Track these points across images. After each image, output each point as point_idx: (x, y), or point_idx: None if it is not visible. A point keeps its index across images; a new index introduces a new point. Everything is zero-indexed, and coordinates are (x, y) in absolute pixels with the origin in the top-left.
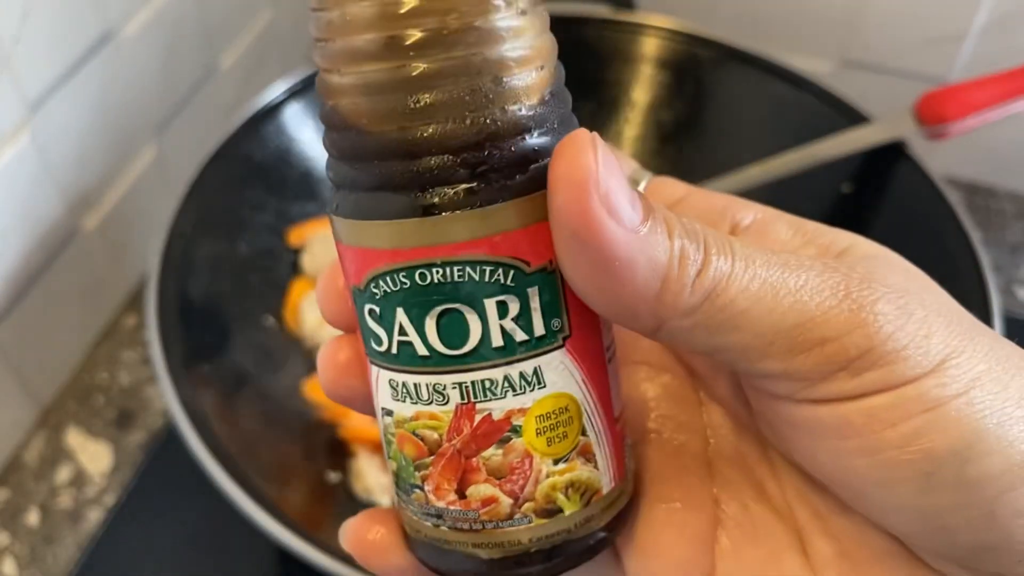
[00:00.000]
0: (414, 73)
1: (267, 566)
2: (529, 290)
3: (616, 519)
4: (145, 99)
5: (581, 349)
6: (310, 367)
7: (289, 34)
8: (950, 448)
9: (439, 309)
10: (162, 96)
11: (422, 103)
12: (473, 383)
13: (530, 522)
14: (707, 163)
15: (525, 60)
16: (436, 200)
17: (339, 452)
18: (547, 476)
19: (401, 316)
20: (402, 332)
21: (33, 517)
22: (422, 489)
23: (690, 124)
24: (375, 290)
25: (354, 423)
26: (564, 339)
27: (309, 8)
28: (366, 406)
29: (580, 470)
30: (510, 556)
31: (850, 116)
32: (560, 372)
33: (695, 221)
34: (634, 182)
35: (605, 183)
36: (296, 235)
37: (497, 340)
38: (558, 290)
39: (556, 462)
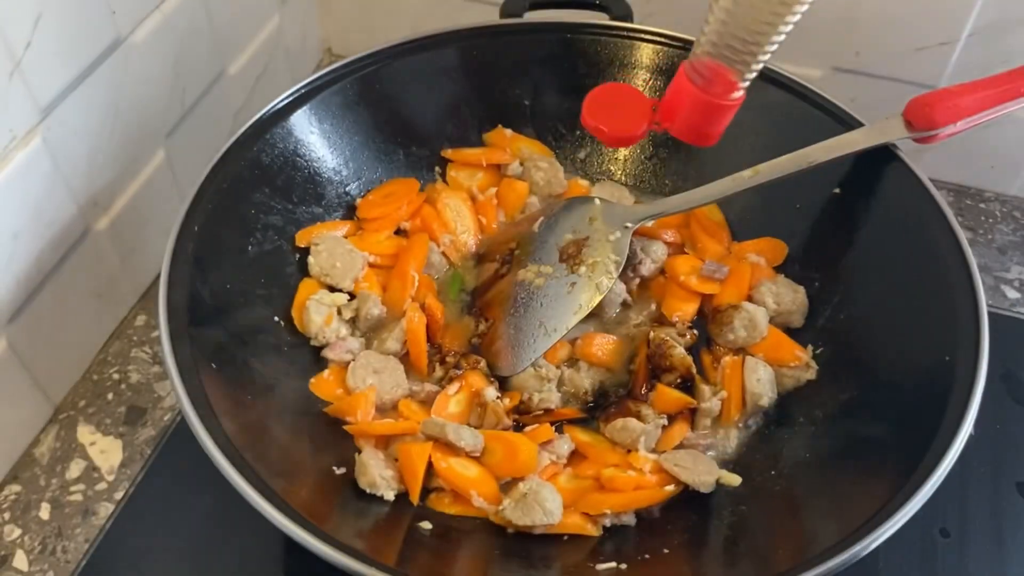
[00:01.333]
0: None
1: (274, 558)
2: None
3: None
4: (154, 103)
5: None
6: (316, 364)
7: (297, 40)
8: None
9: None
10: (171, 100)
11: None
12: None
13: None
14: (701, 167)
15: None
16: None
17: (344, 447)
18: None
19: None
20: None
21: (44, 511)
22: None
23: None
24: None
25: (359, 419)
26: None
27: None
28: None
29: None
30: None
31: (841, 121)
32: None
33: None
34: None
35: None
36: (303, 236)
37: None
38: None
39: None
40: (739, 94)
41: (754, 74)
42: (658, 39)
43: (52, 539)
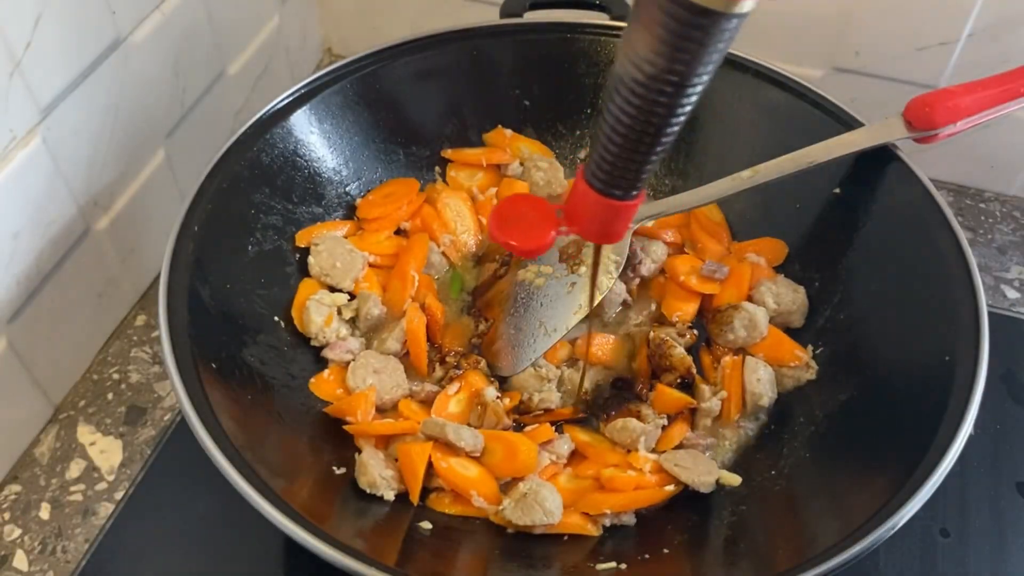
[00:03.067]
0: None
1: (274, 558)
2: None
3: None
4: (154, 103)
5: None
6: (316, 364)
7: (297, 40)
8: None
9: None
10: (171, 100)
11: None
12: None
13: None
14: (701, 167)
15: None
16: None
17: (344, 447)
18: None
19: None
20: None
21: (44, 511)
22: None
23: (684, 129)
24: None
25: (359, 419)
26: None
27: None
28: None
29: None
30: None
31: (841, 121)
32: None
33: None
34: None
35: None
36: (303, 236)
37: None
38: None
39: None
40: (638, 193)
41: (649, 175)
42: None
43: (52, 539)
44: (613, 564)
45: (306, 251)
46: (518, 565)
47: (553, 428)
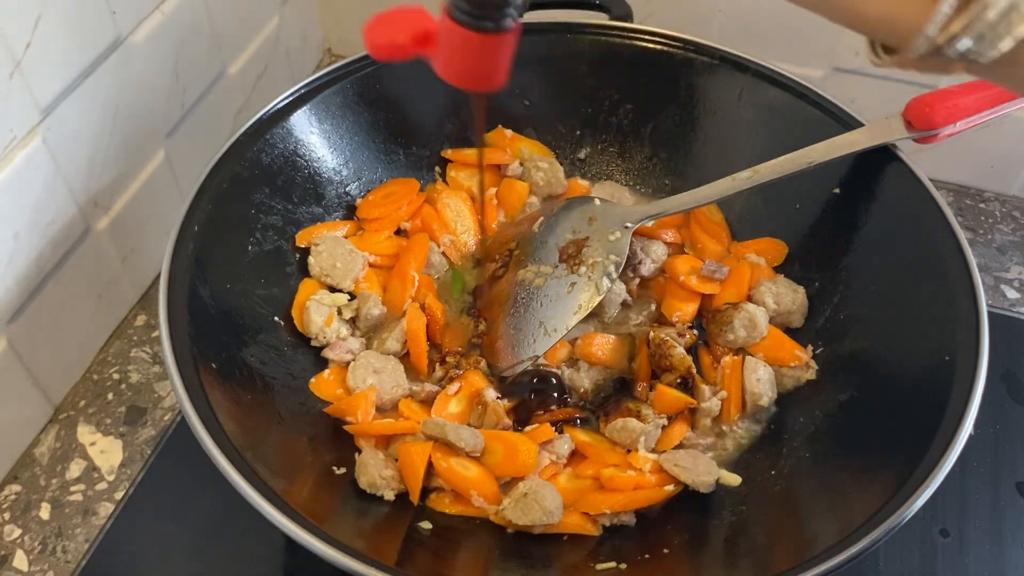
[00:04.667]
0: None
1: (274, 557)
2: None
3: None
4: (154, 103)
5: None
6: (316, 365)
7: (297, 40)
8: None
9: None
10: (171, 100)
11: None
12: None
13: None
14: (701, 167)
15: None
16: None
17: (344, 447)
18: None
19: None
20: None
21: (44, 511)
22: None
23: (685, 129)
24: None
25: (359, 419)
26: None
27: None
28: None
29: None
30: None
31: (841, 121)
32: None
33: None
34: None
35: None
36: (303, 236)
37: None
38: None
39: None
40: (514, 22)
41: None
42: (658, 39)
43: (52, 539)
44: (613, 564)
45: (306, 251)
46: (518, 565)
47: (553, 428)
